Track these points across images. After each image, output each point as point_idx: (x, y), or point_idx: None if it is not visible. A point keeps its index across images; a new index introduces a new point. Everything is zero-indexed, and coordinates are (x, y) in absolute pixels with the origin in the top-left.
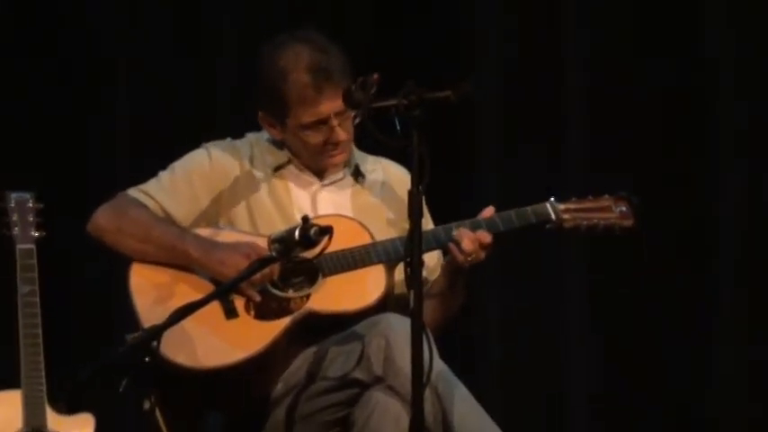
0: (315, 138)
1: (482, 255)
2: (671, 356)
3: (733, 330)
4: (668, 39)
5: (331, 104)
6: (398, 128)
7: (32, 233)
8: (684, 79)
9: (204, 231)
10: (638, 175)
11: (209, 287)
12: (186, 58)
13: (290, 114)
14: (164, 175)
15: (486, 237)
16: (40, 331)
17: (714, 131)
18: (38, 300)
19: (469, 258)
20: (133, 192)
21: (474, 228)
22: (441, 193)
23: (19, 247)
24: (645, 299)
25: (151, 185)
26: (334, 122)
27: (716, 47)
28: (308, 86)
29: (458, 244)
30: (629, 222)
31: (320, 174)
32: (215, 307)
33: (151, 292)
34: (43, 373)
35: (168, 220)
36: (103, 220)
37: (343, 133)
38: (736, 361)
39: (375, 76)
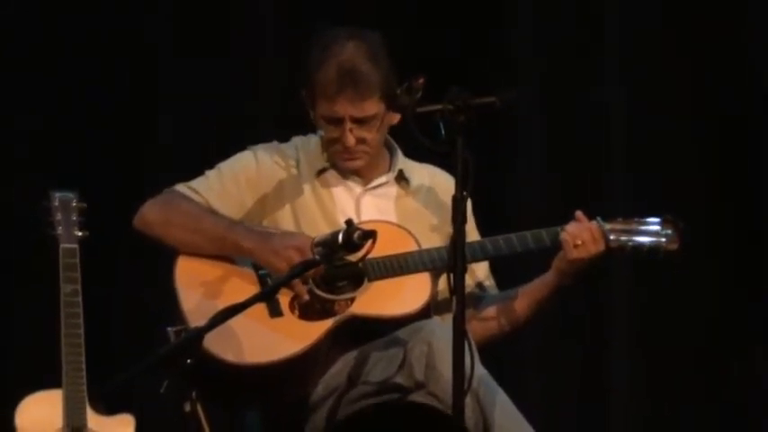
0: (328, 133)
1: (592, 248)
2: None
3: None
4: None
5: (346, 108)
6: (443, 133)
7: (76, 233)
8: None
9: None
10: (681, 193)
11: (254, 282)
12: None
13: (315, 101)
14: (211, 175)
15: (596, 227)
16: (81, 331)
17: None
18: (80, 299)
19: (579, 244)
20: (180, 187)
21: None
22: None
23: (62, 246)
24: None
25: (198, 183)
26: (347, 126)
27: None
28: (331, 82)
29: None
30: (674, 246)
31: (363, 178)
32: (260, 304)
33: (197, 288)
34: (84, 373)
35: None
36: (152, 213)
37: (351, 139)
38: None
39: (420, 80)
